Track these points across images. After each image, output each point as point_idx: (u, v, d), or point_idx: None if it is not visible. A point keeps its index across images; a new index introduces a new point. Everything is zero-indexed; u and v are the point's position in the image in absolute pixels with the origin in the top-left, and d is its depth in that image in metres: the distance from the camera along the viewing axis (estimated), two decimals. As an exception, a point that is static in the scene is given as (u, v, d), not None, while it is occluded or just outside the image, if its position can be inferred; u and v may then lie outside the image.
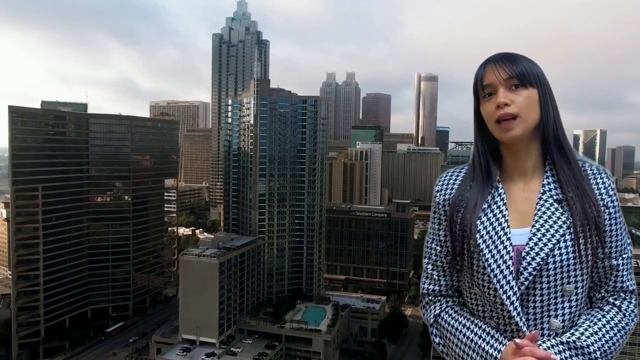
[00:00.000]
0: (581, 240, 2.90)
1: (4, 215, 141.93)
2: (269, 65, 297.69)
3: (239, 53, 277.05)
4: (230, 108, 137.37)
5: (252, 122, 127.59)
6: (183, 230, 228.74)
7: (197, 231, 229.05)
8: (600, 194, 3.00)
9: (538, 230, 2.92)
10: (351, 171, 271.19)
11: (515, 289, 2.88)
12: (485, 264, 2.94)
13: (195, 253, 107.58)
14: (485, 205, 3.05)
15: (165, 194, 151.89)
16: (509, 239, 2.94)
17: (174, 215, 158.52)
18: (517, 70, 2.90)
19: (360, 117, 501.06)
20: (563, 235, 2.89)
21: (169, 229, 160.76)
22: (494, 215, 3.01)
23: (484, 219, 3.02)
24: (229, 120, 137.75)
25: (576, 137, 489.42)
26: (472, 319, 3.11)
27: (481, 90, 3.02)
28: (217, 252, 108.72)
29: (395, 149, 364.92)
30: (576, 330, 2.91)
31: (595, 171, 3.07)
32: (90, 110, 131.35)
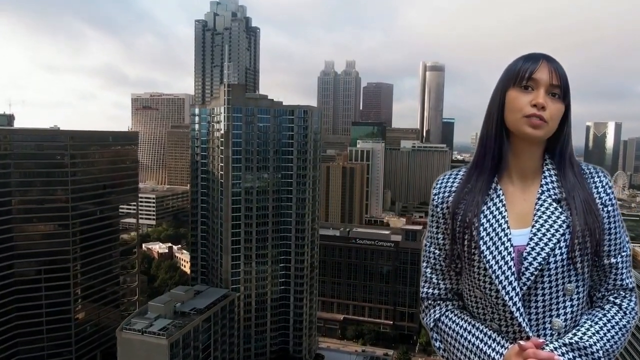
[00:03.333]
0: (581, 239, 2.91)
1: None
2: (259, 56, 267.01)
3: (225, 42, 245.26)
4: (197, 119, 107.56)
5: (222, 139, 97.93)
6: (158, 247, 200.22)
7: (175, 248, 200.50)
8: (599, 193, 3.04)
9: (538, 230, 2.92)
10: (351, 175, 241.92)
11: (517, 289, 2.87)
12: (487, 265, 2.93)
13: (139, 328, 78.77)
14: (485, 207, 3.04)
15: (121, 221, 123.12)
16: (509, 239, 2.94)
17: (134, 248, 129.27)
18: (565, 83, 2.95)
19: (361, 108, 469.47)
20: (563, 234, 2.90)
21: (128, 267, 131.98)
22: (494, 216, 3.01)
23: (484, 220, 3.01)
24: (195, 134, 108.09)
25: (587, 129, 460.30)
26: (473, 322, 3.07)
27: (524, 80, 2.92)
28: (170, 325, 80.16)
29: (398, 145, 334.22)
30: (578, 330, 2.91)
31: (592, 171, 3.12)
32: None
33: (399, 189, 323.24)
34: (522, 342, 2.68)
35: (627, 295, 3.13)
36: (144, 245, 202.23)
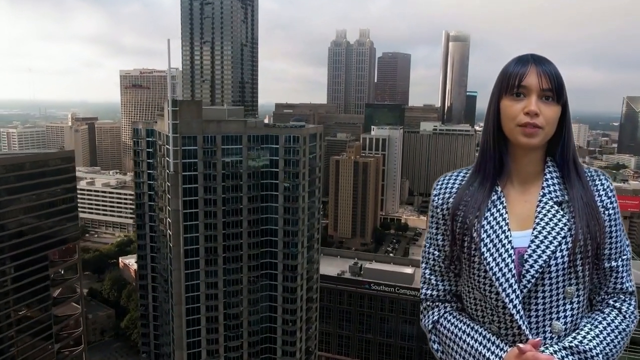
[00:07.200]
0: (582, 243, 2.90)
1: None
2: (258, 27, 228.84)
3: (215, 13, 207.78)
4: (141, 144, 73.86)
5: (169, 183, 64.48)
6: (128, 263, 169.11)
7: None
8: (600, 196, 3.03)
9: (540, 232, 2.92)
10: (364, 171, 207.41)
11: (518, 292, 2.86)
12: (487, 267, 2.92)
13: None
14: (485, 209, 3.03)
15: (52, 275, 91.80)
16: (510, 241, 2.93)
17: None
18: (557, 84, 2.88)
19: (376, 81, 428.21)
20: (564, 237, 2.89)
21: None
22: (494, 218, 3.00)
23: (484, 222, 3.00)
24: (140, 164, 74.63)
25: (622, 102, 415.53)
26: (471, 324, 3.07)
27: (514, 87, 2.90)
28: None
29: (417, 127, 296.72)
30: (578, 334, 2.90)
31: (593, 174, 3.11)
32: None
33: (418, 178, 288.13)
34: (521, 345, 2.67)
35: (627, 299, 3.09)
36: (120, 259, 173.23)
